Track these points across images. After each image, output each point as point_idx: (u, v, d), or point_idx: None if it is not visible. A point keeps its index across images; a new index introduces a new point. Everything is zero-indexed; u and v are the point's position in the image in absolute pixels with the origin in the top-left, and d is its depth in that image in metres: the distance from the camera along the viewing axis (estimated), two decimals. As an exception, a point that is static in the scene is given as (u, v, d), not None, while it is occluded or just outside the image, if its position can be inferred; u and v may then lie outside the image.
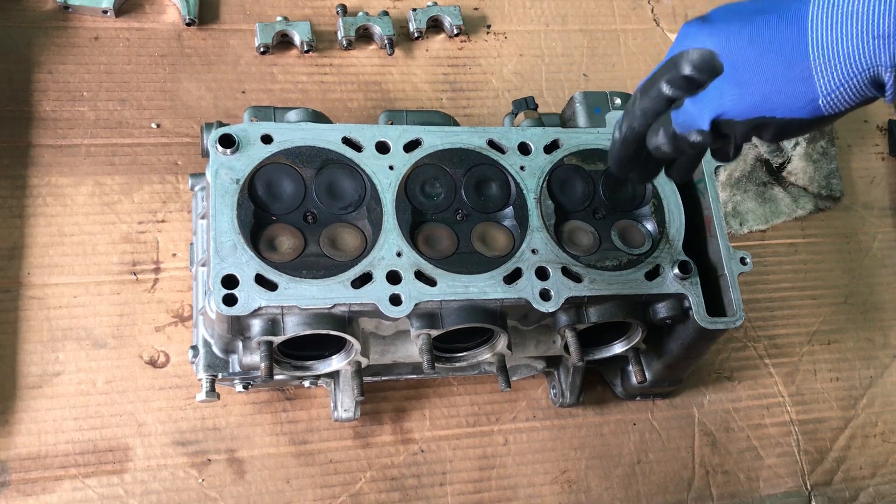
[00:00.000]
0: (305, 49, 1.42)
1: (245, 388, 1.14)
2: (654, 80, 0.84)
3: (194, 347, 1.10)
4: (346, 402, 1.16)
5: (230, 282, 0.95)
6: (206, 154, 1.06)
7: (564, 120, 1.23)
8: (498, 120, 1.42)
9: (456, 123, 1.19)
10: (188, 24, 1.40)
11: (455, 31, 1.49)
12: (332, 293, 0.97)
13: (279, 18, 1.42)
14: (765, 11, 0.75)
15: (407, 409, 1.26)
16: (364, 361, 1.07)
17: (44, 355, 1.18)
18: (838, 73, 0.72)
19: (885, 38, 0.69)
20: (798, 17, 0.73)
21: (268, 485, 1.18)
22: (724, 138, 0.81)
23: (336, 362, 1.06)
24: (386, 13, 1.46)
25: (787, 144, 1.49)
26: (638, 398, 1.32)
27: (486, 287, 1.01)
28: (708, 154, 1.14)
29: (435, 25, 1.50)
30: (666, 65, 0.82)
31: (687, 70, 0.79)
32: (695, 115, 0.79)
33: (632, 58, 1.55)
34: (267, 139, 1.04)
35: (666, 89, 0.82)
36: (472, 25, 1.52)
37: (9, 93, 1.30)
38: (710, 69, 0.78)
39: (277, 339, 0.98)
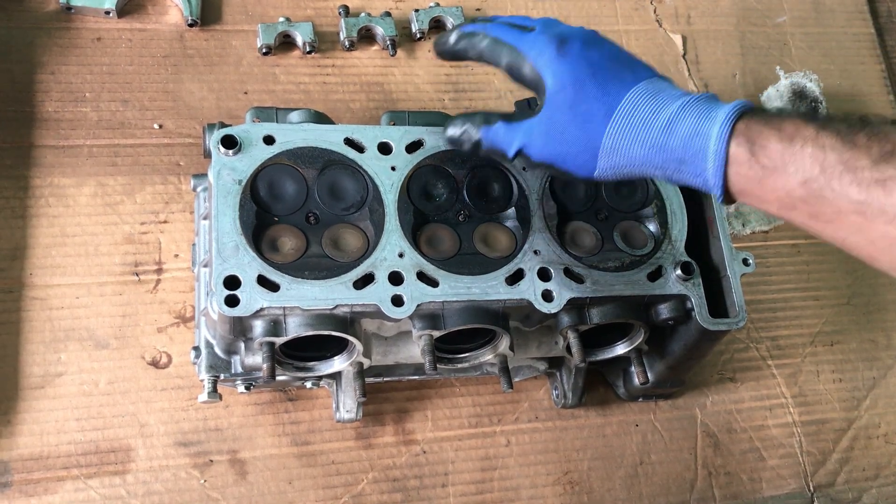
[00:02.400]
0: (307, 50, 1.42)
1: (247, 388, 1.14)
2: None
3: (196, 348, 1.10)
4: (348, 403, 1.16)
5: (232, 283, 0.95)
6: (208, 155, 1.06)
7: (567, 121, 1.23)
8: (500, 121, 1.41)
9: (458, 124, 1.19)
10: (190, 25, 1.40)
11: (457, 32, 1.49)
12: (334, 294, 0.97)
13: (281, 19, 1.42)
14: (594, 76, 0.88)
15: (409, 410, 1.26)
16: (366, 362, 1.07)
17: (46, 356, 1.18)
18: (616, 160, 0.87)
19: (657, 148, 0.84)
20: (609, 102, 0.86)
21: (270, 486, 1.18)
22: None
23: (338, 363, 1.06)
24: (388, 14, 1.46)
25: None
26: (640, 399, 1.32)
27: (488, 288, 1.01)
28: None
29: (437, 26, 1.50)
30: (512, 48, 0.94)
31: (525, 75, 0.93)
32: (504, 142, 0.93)
33: (634, 58, 1.55)
34: (269, 140, 1.04)
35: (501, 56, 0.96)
36: (474, 26, 1.52)
37: (11, 93, 1.30)
38: (535, 90, 0.93)
39: (279, 340, 0.98)
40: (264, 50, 1.40)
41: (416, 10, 1.48)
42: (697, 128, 0.82)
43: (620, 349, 1.15)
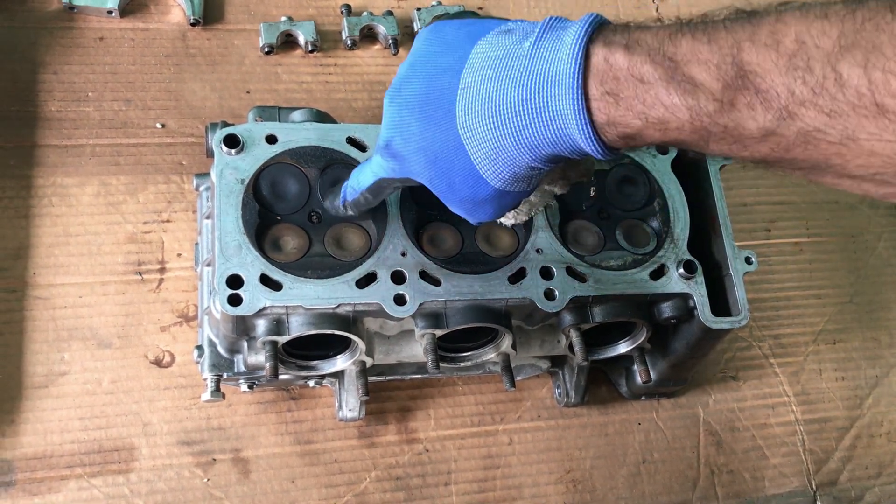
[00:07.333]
0: (310, 49, 1.42)
1: (250, 387, 1.14)
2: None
3: (199, 347, 1.10)
4: (350, 402, 1.16)
5: (235, 282, 0.95)
6: (210, 154, 1.06)
7: (569, 119, 1.23)
8: (502, 119, 1.41)
9: (460, 123, 1.18)
10: (193, 25, 1.40)
11: (459, 31, 1.49)
12: (336, 293, 0.97)
13: (283, 18, 1.42)
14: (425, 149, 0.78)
15: (411, 409, 1.26)
16: (369, 361, 1.07)
17: (49, 355, 1.18)
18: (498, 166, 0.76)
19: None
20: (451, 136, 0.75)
21: (273, 484, 1.18)
22: None
23: (341, 362, 1.06)
24: (390, 13, 1.46)
25: None
26: (643, 398, 1.32)
27: (490, 287, 1.01)
28: (713, 153, 1.15)
29: (439, 25, 1.50)
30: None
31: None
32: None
33: (636, 57, 1.55)
34: (271, 139, 1.04)
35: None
36: (476, 25, 1.52)
37: (14, 93, 1.30)
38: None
39: (282, 339, 0.98)
40: (266, 49, 1.40)
41: (419, 9, 1.48)
42: None
43: (623, 348, 1.15)
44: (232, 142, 1.02)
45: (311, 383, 1.19)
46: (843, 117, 0.57)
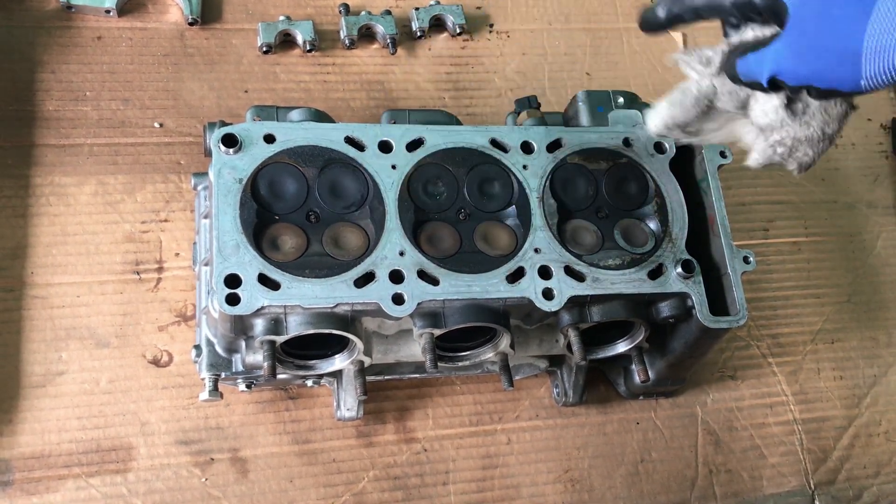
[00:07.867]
0: (308, 48, 1.42)
1: (248, 387, 1.14)
2: None
3: (197, 347, 1.10)
4: (349, 402, 1.16)
5: (233, 281, 0.95)
6: (208, 153, 1.06)
7: (567, 119, 1.23)
8: (501, 119, 1.41)
9: (458, 122, 1.19)
10: (191, 24, 1.40)
11: (458, 30, 1.49)
12: (334, 292, 0.97)
13: (282, 18, 1.42)
14: None
15: (410, 409, 1.26)
16: (367, 361, 1.07)
17: (47, 355, 1.18)
18: (884, 63, 0.75)
19: None
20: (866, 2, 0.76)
21: (271, 484, 1.18)
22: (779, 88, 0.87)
23: (339, 361, 1.06)
24: (388, 12, 1.46)
25: None
26: (641, 397, 1.32)
27: (488, 286, 1.01)
28: (711, 153, 1.15)
29: (437, 24, 1.50)
30: None
31: (757, 4, 0.86)
32: (755, 70, 0.85)
33: (635, 56, 1.55)
34: (270, 139, 1.04)
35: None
36: (474, 24, 1.52)
37: (12, 92, 1.30)
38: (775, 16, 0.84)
39: (280, 339, 0.98)
40: (265, 48, 1.40)
41: (417, 9, 1.48)
42: None
43: (621, 347, 1.15)
44: (230, 141, 1.02)
45: (310, 383, 1.19)
46: None
